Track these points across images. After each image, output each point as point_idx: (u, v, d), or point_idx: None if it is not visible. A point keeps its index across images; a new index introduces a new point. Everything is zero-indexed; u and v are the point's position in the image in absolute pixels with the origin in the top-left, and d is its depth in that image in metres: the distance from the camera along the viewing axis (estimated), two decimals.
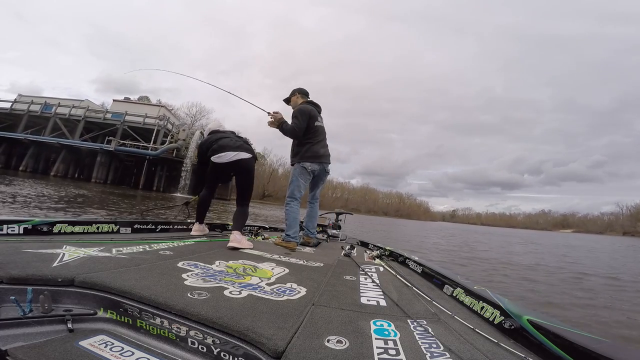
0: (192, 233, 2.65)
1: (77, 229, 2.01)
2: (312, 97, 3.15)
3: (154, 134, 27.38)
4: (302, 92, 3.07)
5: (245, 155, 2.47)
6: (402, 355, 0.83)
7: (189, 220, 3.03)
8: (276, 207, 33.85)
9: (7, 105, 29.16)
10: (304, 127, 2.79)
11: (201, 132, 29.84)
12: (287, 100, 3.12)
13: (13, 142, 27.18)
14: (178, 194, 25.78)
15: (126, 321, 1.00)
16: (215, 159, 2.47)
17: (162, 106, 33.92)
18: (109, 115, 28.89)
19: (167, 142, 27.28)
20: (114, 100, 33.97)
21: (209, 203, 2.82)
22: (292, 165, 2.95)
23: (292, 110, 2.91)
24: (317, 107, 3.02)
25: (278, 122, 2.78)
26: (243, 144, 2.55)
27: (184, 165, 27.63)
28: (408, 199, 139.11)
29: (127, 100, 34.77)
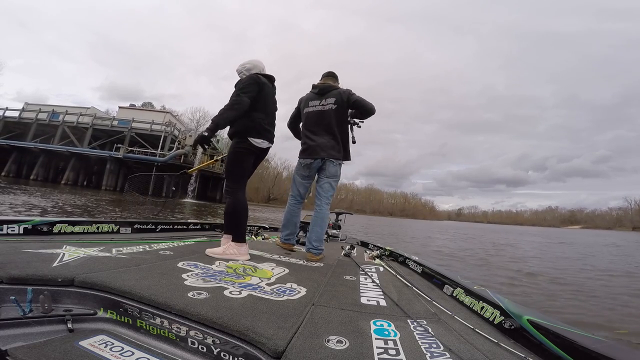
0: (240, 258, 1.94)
1: (77, 229, 2.03)
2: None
3: (161, 141, 27.57)
4: (324, 75, 2.73)
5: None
6: (402, 355, 0.82)
7: (189, 221, 3.03)
8: (279, 210, 33.80)
9: (16, 114, 29.54)
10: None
11: None
12: None
13: (23, 151, 27.63)
14: (187, 200, 26.17)
15: (126, 321, 1.00)
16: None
17: (167, 112, 33.92)
18: (115, 123, 29.06)
19: (174, 149, 27.47)
20: (120, 107, 33.96)
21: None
22: None
23: None
24: (316, 88, 2.62)
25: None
26: None
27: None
28: (413, 198, 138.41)
29: (132, 107, 34.82)
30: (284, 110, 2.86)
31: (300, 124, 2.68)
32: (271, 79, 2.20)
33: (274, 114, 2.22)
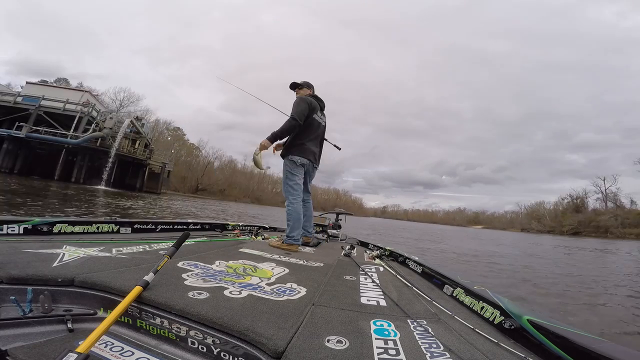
0: None
1: (77, 229, 2.03)
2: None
3: (75, 121, 24.33)
4: (310, 87, 2.93)
5: None
6: (402, 355, 0.82)
7: (189, 221, 3.03)
8: (214, 202, 32.91)
9: None
10: (306, 113, 2.63)
11: (131, 121, 27.88)
12: (294, 86, 2.92)
13: None
14: (101, 187, 23.89)
15: (126, 321, 1.00)
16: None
17: (86, 91, 29.89)
18: (20, 99, 24.83)
19: (90, 131, 24.59)
20: (27, 83, 28.93)
21: None
22: (283, 157, 2.78)
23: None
24: (320, 102, 2.88)
25: (268, 139, 2.57)
26: None
27: (110, 155, 25.35)
28: (344, 195, 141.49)
29: (43, 83, 30.00)
30: (224, 99, 2.87)
31: (304, 127, 2.74)
32: None
33: None
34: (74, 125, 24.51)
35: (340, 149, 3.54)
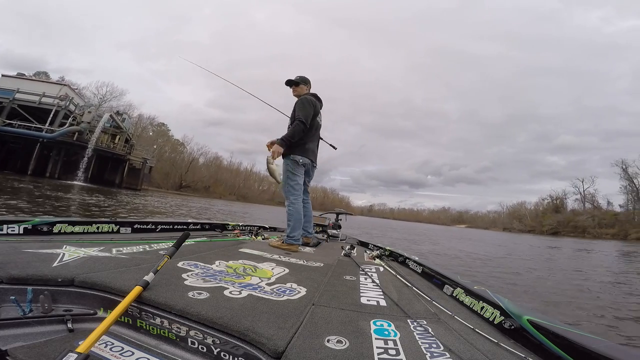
0: None
1: (77, 229, 2.02)
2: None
3: (51, 115, 23.73)
4: (307, 82, 2.89)
5: None
6: (402, 355, 0.83)
7: (189, 221, 3.02)
8: (196, 200, 31.66)
9: None
10: (311, 115, 2.63)
11: (111, 116, 27.40)
12: (290, 83, 2.85)
13: None
14: (76, 182, 23.42)
15: (126, 321, 1.00)
16: None
17: (64, 85, 28.68)
18: None
19: (67, 125, 23.95)
20: (2, 75, 27.44)
21: None
22: (284, 157, 2.71)
23: (296, 98, 2.78)
24: (320, 101, 2.86)
25: (280, 145, 2.52)
26: None
27: (87, 150, 24.83)
28: (332, 193, 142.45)
29: (20, 76, 28.64)
30: (211, 95, 3.07)
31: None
32: None
33: None
34: (49, 119, 23.72)
35: (336, 149, 3.54)
